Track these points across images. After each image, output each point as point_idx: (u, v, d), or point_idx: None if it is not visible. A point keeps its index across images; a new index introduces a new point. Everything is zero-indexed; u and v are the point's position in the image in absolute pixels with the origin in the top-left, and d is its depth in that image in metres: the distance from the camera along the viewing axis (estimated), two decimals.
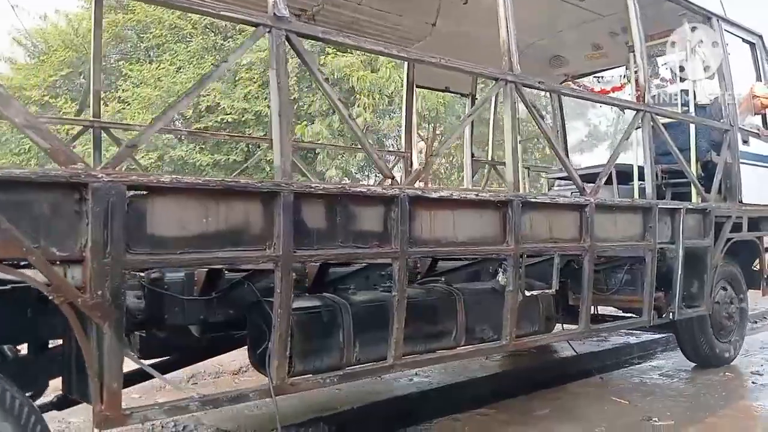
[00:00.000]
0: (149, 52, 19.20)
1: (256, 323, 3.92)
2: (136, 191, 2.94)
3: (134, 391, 4.43)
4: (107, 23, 18.44)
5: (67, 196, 2.75)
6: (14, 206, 2.60)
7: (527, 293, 4.70)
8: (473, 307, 4.73)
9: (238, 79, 16.89)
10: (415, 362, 4.33)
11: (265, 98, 15.42)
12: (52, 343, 3.70)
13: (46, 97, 18.05)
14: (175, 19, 18.18)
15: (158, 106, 16.74)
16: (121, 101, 17.39)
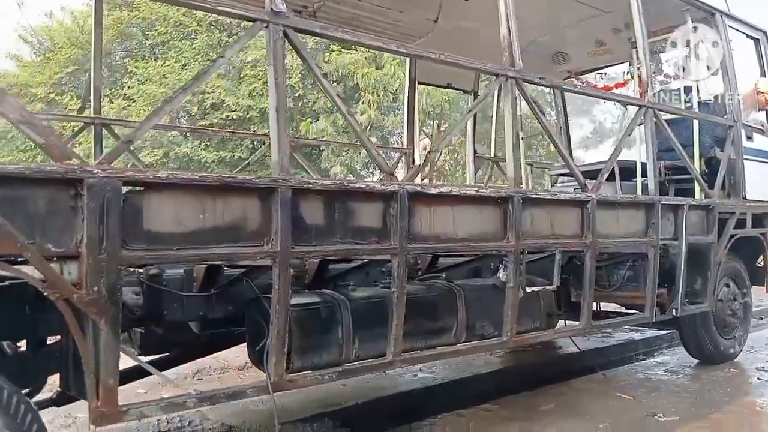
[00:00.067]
0: (154, 49, 19.24)
1: (254, 320, 3.91)
2: (132, 187, 2.95)
3: (139, 386, 4.44)
4: (112, 20, 18.52)
5: (62, 191, 2.74)
6: (9, 202, 2.60)
7: (528, 290, 4.67)
8: (474, 303, 4.70)
9: (243, 76, 16.91)
10: (414, 359, 4.31)
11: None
12: (51, 339, 3.70)
13: (51, 94, 18.10)
14: (180, 16, 18.21)
15: (164, 102, 16.70)
16: (126, 98, 17.43)
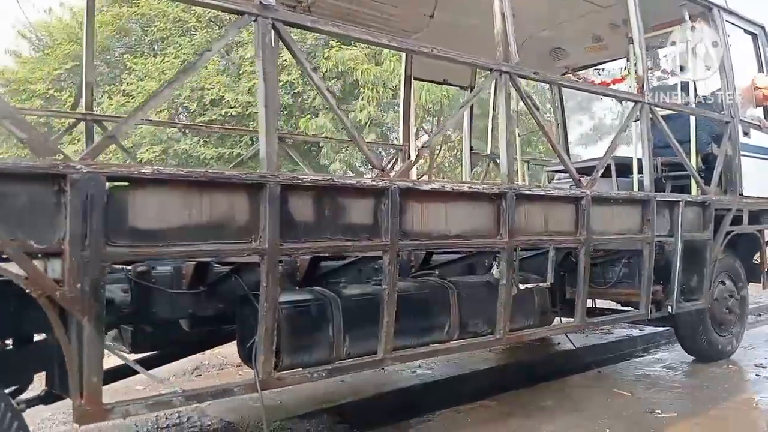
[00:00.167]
0: (153, 45, 19.15)
1: (244, 317, 3.88)
2: (116, 182, 2.92)
3: (137, 382, 4.42)
4: (111, 16, 18.48)
5: (45, 187, 2.71)
6: None
7: (521, 287, 4.64)
8: (467, 300, 4.68)
9: (242, 72, 16.84)
10: (406, 356, 4.27)
11: None
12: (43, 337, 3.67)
13: (51, 90, 18.04)
14: (179, 12, 18.12)
15: (162, 99, 16.68)
16: (125, 95, 17.35)
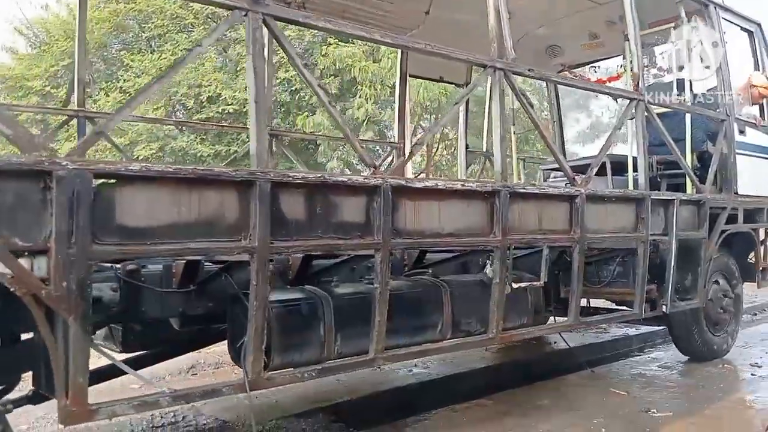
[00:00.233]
0: (151, 42, 19.07)
1: (234, 316, 3.86)
2: (103, 180, 2.89)
3: (133, 381, 4.39)
4: (108, 13, 18.42)
5: (30, 184, 2.68)
6: None
7: (515, 285, 4.61)
8: (460, 299, 4.65)
9: (239, 69, 16.79)
10: (397, 356, 4.23)
11: None
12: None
13: (47, 87, 17.96)
14: (176, 9, 18.08)
15: (159, 96, 16.66)
16: (122, 91, 17.29)
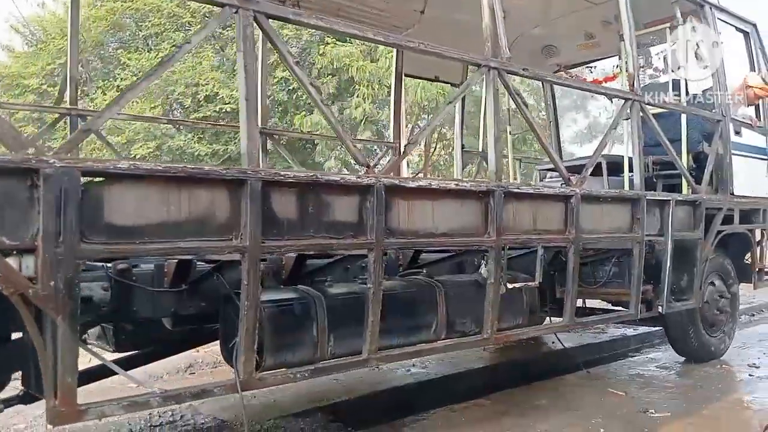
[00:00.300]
0: (148, 40, 19.04)
1: (227, 316, 3.83)
2: (91, 178, 2.86)
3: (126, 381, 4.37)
4: (106, 11, 18.39)
5: (17, 182, 2.65)
6: None
7: (509, 286, 4.58)
8: (454, 299, 4.63)
9: (236, 68, 16.75)
10: (391, 356, 4.20)
11: None
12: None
13: (44, 85, 17.92)
14: (174, 7, 18.06)
15: (157, 95, 16.65)
16: (119, 90, 17.25)
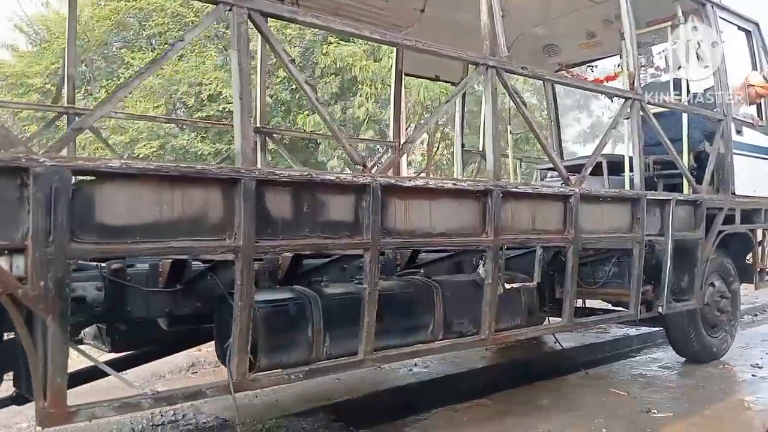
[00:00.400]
0: (151, 40, 19.03)
1: (221, 316, 3.80)
2: (82, 177, 2.84)
3: (133, 379, 4.36)
4: (109, 11, 18.40)
5: (7, 181, 2.63)
6: None
7: (507, 286, 4.55)
8: (452, 299, 4.59)
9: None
10: (387, 357, 4.18)
11: (267, 87, 15.22)
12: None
13: (48, 84, 17.93)
14: (177, 7, 18.05)
15: (160, 94, 16.64)
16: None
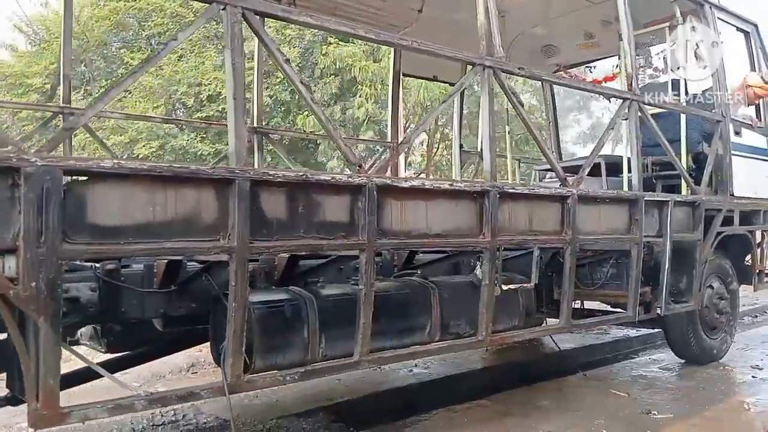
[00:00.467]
0: (150, 40, 19.01)
1: (216, 317, 3.78)
2: (74, 177, 2.82)
3: (133, 378, 4.37)
4: (109, 11, 18.39)
5: None
6: None
7: (504, 287, 4.54)
8: (449, 301, 4.58)
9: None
10: (383, 358, 4.17)
11: (267, 88, 15.22)
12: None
13: (47, 84, 17.92)
14: (176, 7, 18.04)
15: (160, 94, 16.63)
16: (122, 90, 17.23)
